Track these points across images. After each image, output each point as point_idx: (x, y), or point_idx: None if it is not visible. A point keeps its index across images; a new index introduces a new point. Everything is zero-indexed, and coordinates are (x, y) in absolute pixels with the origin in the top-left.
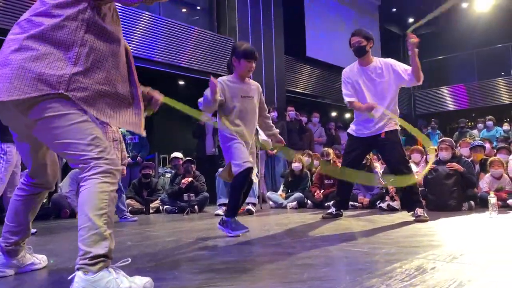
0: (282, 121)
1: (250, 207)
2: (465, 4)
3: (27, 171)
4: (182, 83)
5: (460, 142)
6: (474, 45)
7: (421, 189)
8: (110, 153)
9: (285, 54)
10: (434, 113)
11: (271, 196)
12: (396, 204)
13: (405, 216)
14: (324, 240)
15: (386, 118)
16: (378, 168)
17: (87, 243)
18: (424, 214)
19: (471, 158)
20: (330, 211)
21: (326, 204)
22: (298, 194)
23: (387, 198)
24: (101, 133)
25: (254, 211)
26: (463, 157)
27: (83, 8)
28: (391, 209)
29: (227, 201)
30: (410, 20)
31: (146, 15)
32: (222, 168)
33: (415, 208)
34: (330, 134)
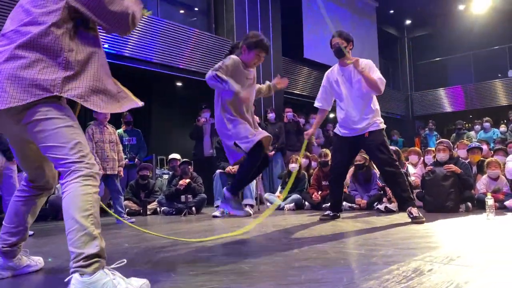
0: (280, 122)
1: (248, 209)
2: (462, 6)
3: (25, 175)
4: (180, 85)
5: (458, 144)
6: (471, 47)
7: (419, 191)
8: (92, 159)
9: (283, 56)
10: (432, 115)
11: (269, 198)
12: (394, 206)
13: (403, 218)
14: (322, 242)
15: (370, 118)
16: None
17: (78, 245)
18: (420, 214)
19: (468, 160)
20: (327, 213)
21: (324, 206)
22: (296, 196)
23: (385, 200)
24: (85, 139)
25: (252, 213)
26: (460, 159)
27: (67, 17)
28: (389, 211)
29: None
30: (407, 22)
31: (144, 17)
32: (220, 170)
33: (408, 207)
34: (328, 136)
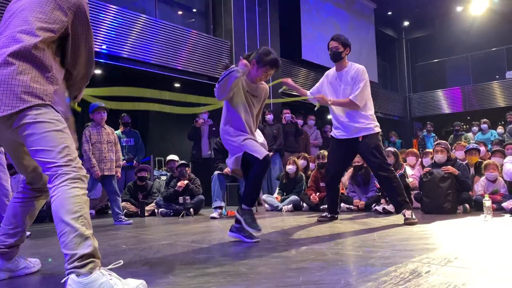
0: (278, 124)
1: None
2: (460, 8)
3: (23, 179)
4: (178, 86)
5: (455, 145)
6: (469, 49)
7: (416, 192)
8: (79, 163)
9: (281, 57)
10: (430, 116)
11: (267, 199)
12: (392, 208)
13: (400, 220)
14: (319, 244)
15: (361, 123)
16: None
17: (71, 247)
18: (412, 216)
19: (466, 161)
20: (325, 214)
21: (322, 207)
22: (294, 197)
23: (383, 201)
24: (73, 144)
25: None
26: (458, 160)
27: (57, 37)
28: (387, 212)
29: (244, 190)
30: (406, 23)
31: (142, 18)
32: (218, 171)
33: (403, 210)
34: (326, 137)
